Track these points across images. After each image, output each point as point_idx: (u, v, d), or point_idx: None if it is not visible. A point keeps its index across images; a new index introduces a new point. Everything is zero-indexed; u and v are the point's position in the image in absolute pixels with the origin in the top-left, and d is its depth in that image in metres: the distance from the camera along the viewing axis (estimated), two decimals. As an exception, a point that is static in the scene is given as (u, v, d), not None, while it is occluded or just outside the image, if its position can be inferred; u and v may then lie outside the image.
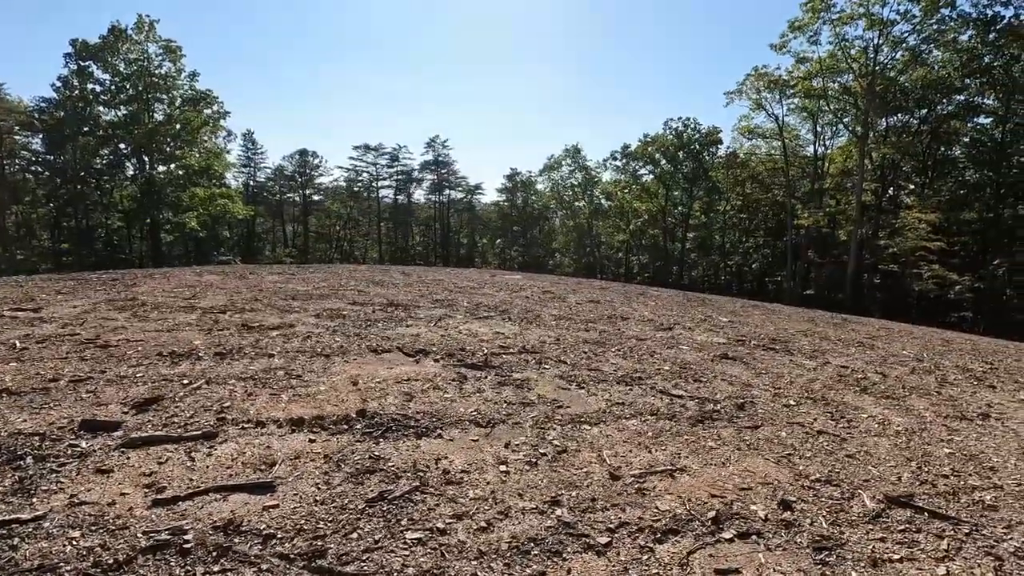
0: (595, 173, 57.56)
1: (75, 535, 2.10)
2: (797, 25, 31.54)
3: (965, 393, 5.51)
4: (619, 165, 53.60)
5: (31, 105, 38.15)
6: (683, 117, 49.34)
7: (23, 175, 41.29)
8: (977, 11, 27.27)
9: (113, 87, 37.45)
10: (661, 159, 49.62)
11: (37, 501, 2.34)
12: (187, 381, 3.99)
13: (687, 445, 3.36)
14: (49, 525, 2.16)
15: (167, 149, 39.34)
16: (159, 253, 40.62)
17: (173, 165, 40.60)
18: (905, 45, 30.29)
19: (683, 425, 3.71)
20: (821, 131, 39.89)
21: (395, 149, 62.83)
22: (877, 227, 34.92)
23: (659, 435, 3.50)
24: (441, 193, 64.80)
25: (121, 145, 39.46)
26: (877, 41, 30.22)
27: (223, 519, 2.25)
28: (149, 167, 39.25)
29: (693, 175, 48.10)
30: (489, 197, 69.62)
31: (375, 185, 64.49)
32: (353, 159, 62.88)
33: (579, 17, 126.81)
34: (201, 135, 40.79)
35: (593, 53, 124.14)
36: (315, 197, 64.57)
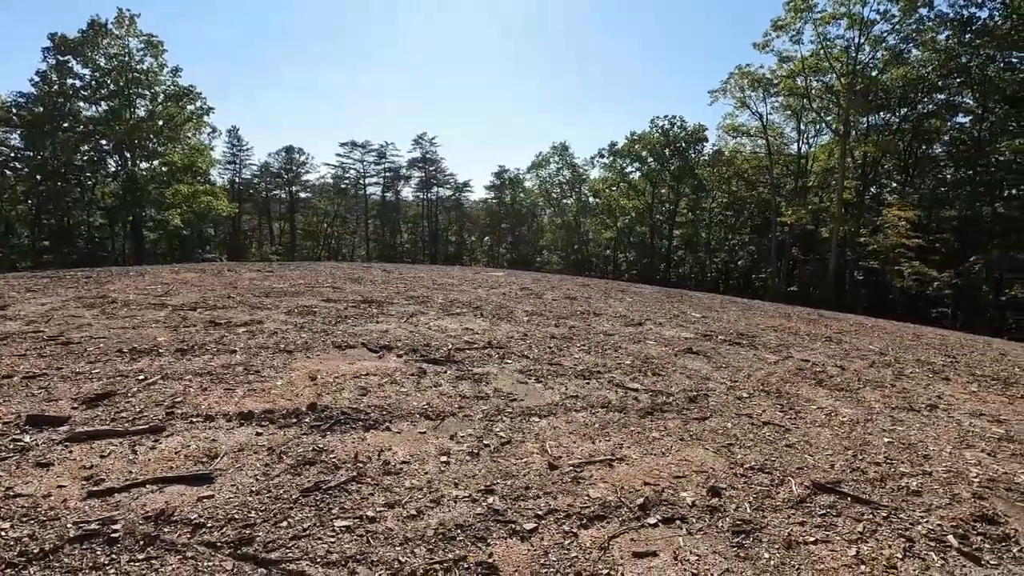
0: (583, 171, 57.80)
1: (4, 526, 2.13)
2: (780, 24, 31.87)
3: (919, 385, 5.66)
4: (606, 163, 53.82)
5: (8, 100, 37.52)
6: (669, 115, 49.74)
7: (1, 171, 40.61)
8: (954, 11, 27.77)
9: (93, 82, 36.91)
10: (648, 157, 49.90)
11: (-28, 494, 2.36)
12: (143, 377, 4.01)
13: (631, 436, 3.45)
14: (-20, 517, 2.19)
15: (150, 145, 38.86)
16: (142, 251, 40.18)
17: (156, 162, 40.11)
18: (885, 44, 30.74)
19: (631, 417, 3.80)
20: (805, 129, 40.36)
21: (382, 146, 62.66)
22: (859, 225, 35.40)
23: (605, 427, 3.58)
24: (429, 190, 64.69)
25: (102, 141, 38.92)
26: (858, 40, 30.64)
27: (156, 510, 2.29)
28: (131, 164, 38.76)
29: (679, 173, 48.42)
30: (477, 195, 69.69)
31: (362, 182, 64.26)
32: (340, 156, 62.65)
33: (567, 14, 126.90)
34: (184, 131, 40.35)
35: (581, 51, 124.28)
36: (302, 194, 64.20)
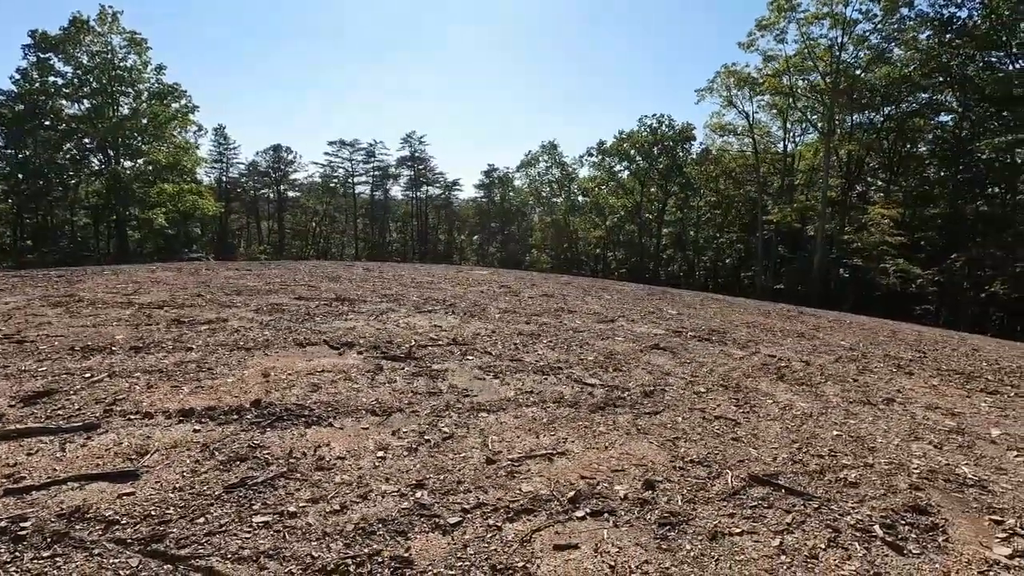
0: (572, 169, 57.85)
1: (-91, 525, 2.08)
2: (764, 24, 32.06)
3: (881, 380, 5.70)
4: (595, 161, 53.89)
5: (-12, 97, 36.95)
6: (657, 114, 49.86)
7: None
8: (934, 11, 28.06)
9: (76, 80, 36.43)
10: (636, 155, 50.02)
11: None
12: (90, 375, 3.95)
13: (577, 431, 3.44)
14: None
15: (133, 144, 38.44)
16: (127, 251, 39.72)
17: (140, 160, 39.68)
18: (868, 44, 31.01)
19: (582, 411, 3.79)
20: (791, 128, 40.66)
21: (371, 145, 62.40)
22: (844, 223, 35.72)
23: (554, 421, 3.57)
24: (418, 189, 64.50)
25: (85, 140, 38.45)
26: (841, 40, 30.89)
27: (71, 507, 2.25)
28: (115, 162, 38.32)
29: (667, 171, 48.59)
30: (467, 193, 69.57)
31: (351, 181, 63.94)
32: (328, 155, 62.34)
33: (556, 12, 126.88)
34: (170, 130, 39.95)
35: (570, 49, 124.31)
36: (290, 193, 63.81)
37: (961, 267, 28.50)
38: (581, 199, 57.97)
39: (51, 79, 36.34)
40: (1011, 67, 27.48)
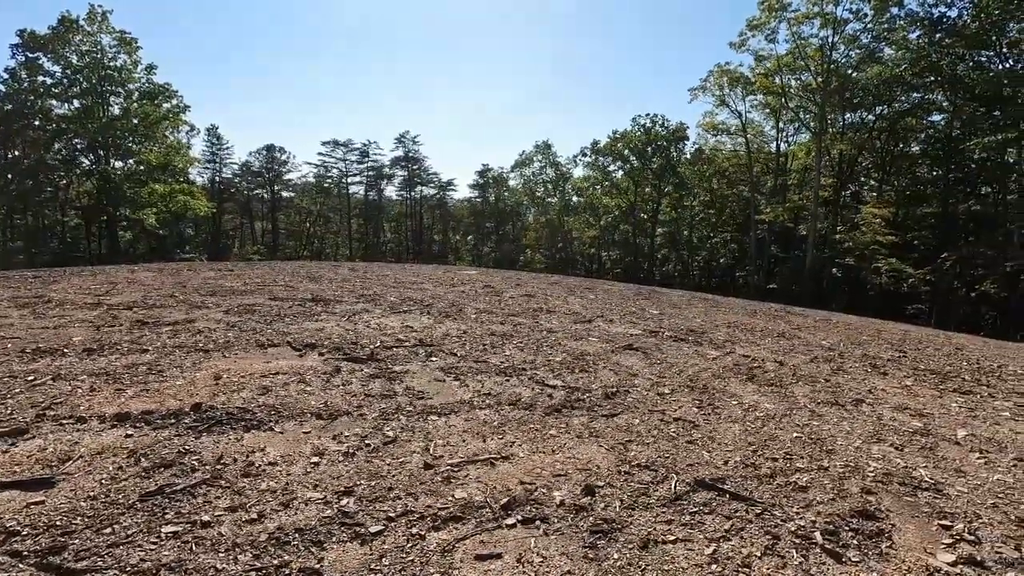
0: (566, 169, 57.81)
1: None
2: (755, 24, 32.05)
3: (854, 380, 5.63)
4: (589, 161, 53.89)
5: (-25, 98, 36.68)
6: (651, 113, 49.88)
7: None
8: (924, 10, 28.08)
9: (65, 79, 36.20)
10: (630, 155, 49.99)
11: None
12: (32, 377, 3.84)
13: (527, 434, 3.35)
14: None
15: (124, 144, 38.20)
16: (117, 251, 39.47)
17: (131, 160, 39.44)
18: (859, 43, 31.03)
19: (537, 414, 3.71)
20: (783, 128, 40.66)
21: (365, 145, 62.23)
22: (836, 222, 35.75)
23: (504, 424, 3.48)
24: (412, 189, 64.35)
25: (76, 140, 38.20)
26: (832, 39, 30.89)
27: (-27, 517, 2.16)
28: (105, 162, 38.07)
29: (661, 171, 48.56)
30: (461, 194, 69.44)
31: (345, 181, 63.75)
32: (322, 155, 62.17)
33: (550, 12, 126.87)
34: (161, 130, 39.71)
35: (565, 48, 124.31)
36: (284, 194, 63.58)
37: (952, 266, 28.53)
38: (575, 199, 57.92)
39: (40, 79, 36.11)
40: (1000, 66, 27.55)
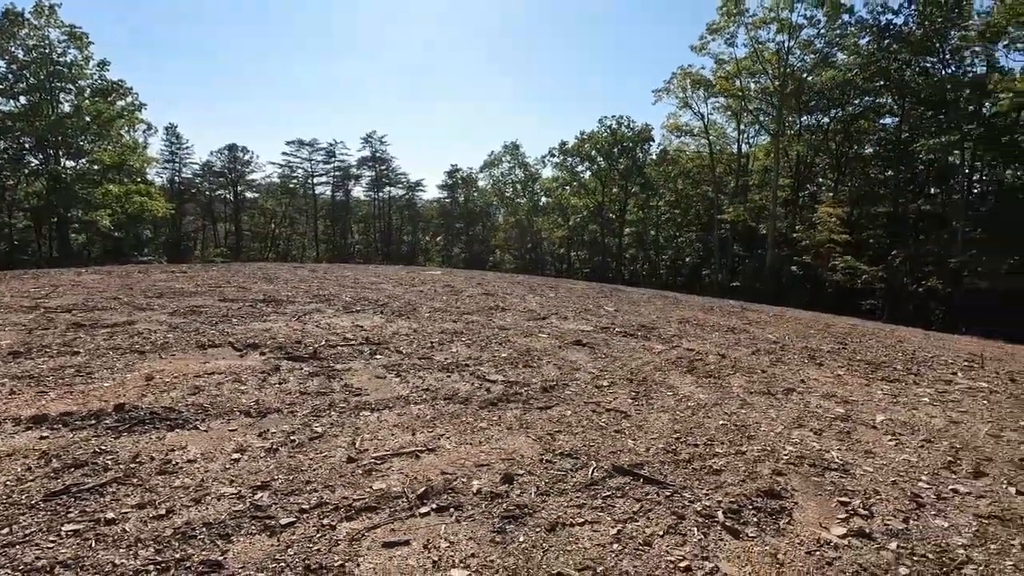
0: (535, 170, 58.09)
1: None
2: (715, 28, 32.88)
3: (789, 371, 5.86)
4: (557, 162, 54.25)
5: (-86, 93, 34.75)
6: (617, 115, 50.47)
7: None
8: (873, 17, 29.28)
9: (10, 75, 34.60)
10: (597, 156, 50.55)
11: None
12: (-51, 382, 3.71)
13: (458, 427, 3.41)
14: None
15: (76, 143, 36.73)
16: (69, 254, 37.91)
17: (83, 160, 37.95)
18: (813, 48, 32.15)
19: (471, 408, 3.76)
20: (744, 129, 41.76)
21: (331, 145, 61.23)
22: (795, 221, 36.90)
23: (437, 418, 3.53)
24: (380, 190, 63.66)
25: (23, 138, 36.55)
26: (788, 44, 31.91)
27: None
28: (55, 162, 36.54)
29: (627, 171, 49.25)
30: (430, 194, 69.02)
31: (311, 182, 62.63)
32: (287, 155, 60.82)
33: (518, 12, 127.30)
34: (116, 128, 38.32)
35: (533, 49, 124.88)
36: (248, 194, 62.09)
37: (902, 263, 29.78)
38: (544, 199, 58.26)
39: (-17, 74, 34.43)
40: (944, 72, 28.90)
